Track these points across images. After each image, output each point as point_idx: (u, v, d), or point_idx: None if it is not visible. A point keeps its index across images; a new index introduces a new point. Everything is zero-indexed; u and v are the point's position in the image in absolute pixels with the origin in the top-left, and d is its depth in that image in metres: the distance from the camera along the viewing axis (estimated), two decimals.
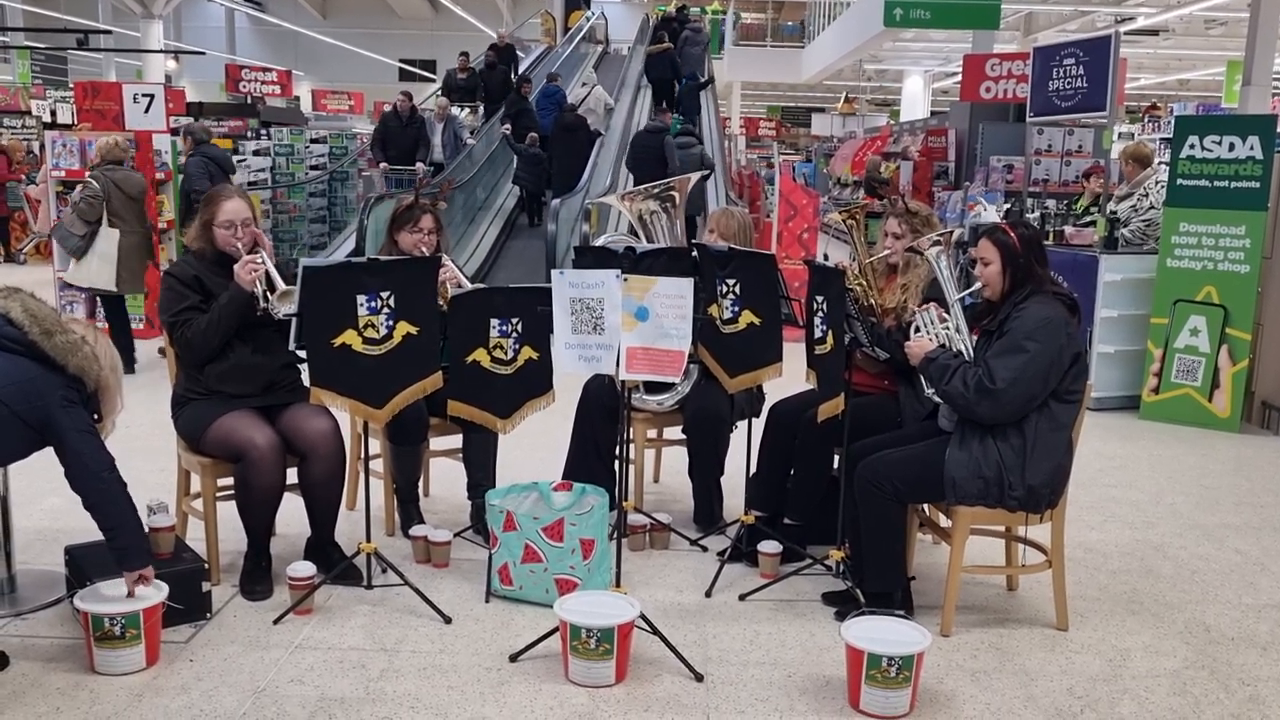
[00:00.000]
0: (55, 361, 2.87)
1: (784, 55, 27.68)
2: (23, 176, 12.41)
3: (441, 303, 3.50)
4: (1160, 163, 7.43)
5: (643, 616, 3.03)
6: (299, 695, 2.83)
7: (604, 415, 4.05)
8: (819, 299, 3.42)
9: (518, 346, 3.44)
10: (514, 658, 3.05)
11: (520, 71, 15.72)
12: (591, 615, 2.90)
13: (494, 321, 3.40)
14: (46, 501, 4.33)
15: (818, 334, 3.44)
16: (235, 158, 11.44)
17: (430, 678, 2.94)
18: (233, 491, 3.44)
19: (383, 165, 11.30)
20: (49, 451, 2.94)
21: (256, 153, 12.48)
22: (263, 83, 18.52)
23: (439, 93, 15.02)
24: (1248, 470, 5.28)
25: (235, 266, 3.39)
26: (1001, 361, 3.06)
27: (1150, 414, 6.24)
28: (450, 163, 11.88)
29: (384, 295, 3.20)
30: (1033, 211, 8.33)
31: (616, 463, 3.56)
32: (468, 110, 14.58)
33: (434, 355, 3.36)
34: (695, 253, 3.64)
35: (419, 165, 11.25)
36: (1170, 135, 7.81)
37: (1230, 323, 5.96)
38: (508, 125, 12.77)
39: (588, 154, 11.81)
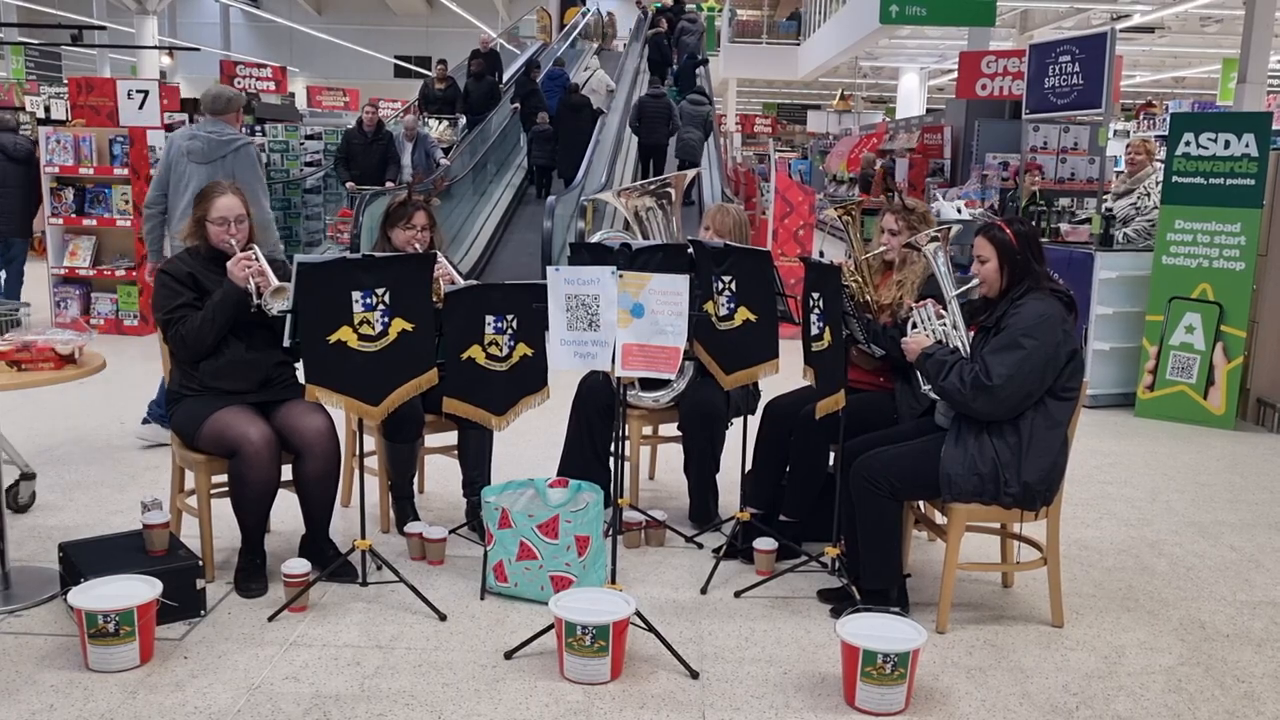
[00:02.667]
0: None
1: (780, 52, 27.67)
2: None
3: (436, 299, 3.49)
4: (1156, 160, 7.43)
5: (638, 613, 3.03)
6: (294, 692, 2.82)
7: (600, 412, 4.04)
8: (815, 295, 3.42)
9: (513, 343, 3.43)
10: (509, 655, 3.04)
11: (504, 78, 15.56)
12: (587, 612, 2.90)
13: (489, 318, 3.39)
14: (40, 498, 4.31)
15: (814, 331, 3.44)
16: None
17: (425, 675, 2.93)
18: (227, 488, 3.43)
19: (349, 185, 10.41)
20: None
21: None
22: (257, 79, 18.42)
23: (413, 105, 14.51)
24: (1243, 467, 5.29)
25: (228, 263, 3.39)
26: (998, 358, 3.06)
27: (1145, 411, 6.24)
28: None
29: (379, 292, 3.19)
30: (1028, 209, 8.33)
31: (612, 459, 3.56)
32: (446, 124, 13.79)
33: (429, 352, 3.35)
34: (691, 249, 3.63)
35: (388, 185, 10.21)
36: (1166, 133, 7.81)
37: (1225, 320, 5.97)
38: (517, 104, 13.77)
39: (591, 130, 13.03)
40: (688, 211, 10.31)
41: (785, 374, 3.71)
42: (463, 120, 14.06)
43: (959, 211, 8.43)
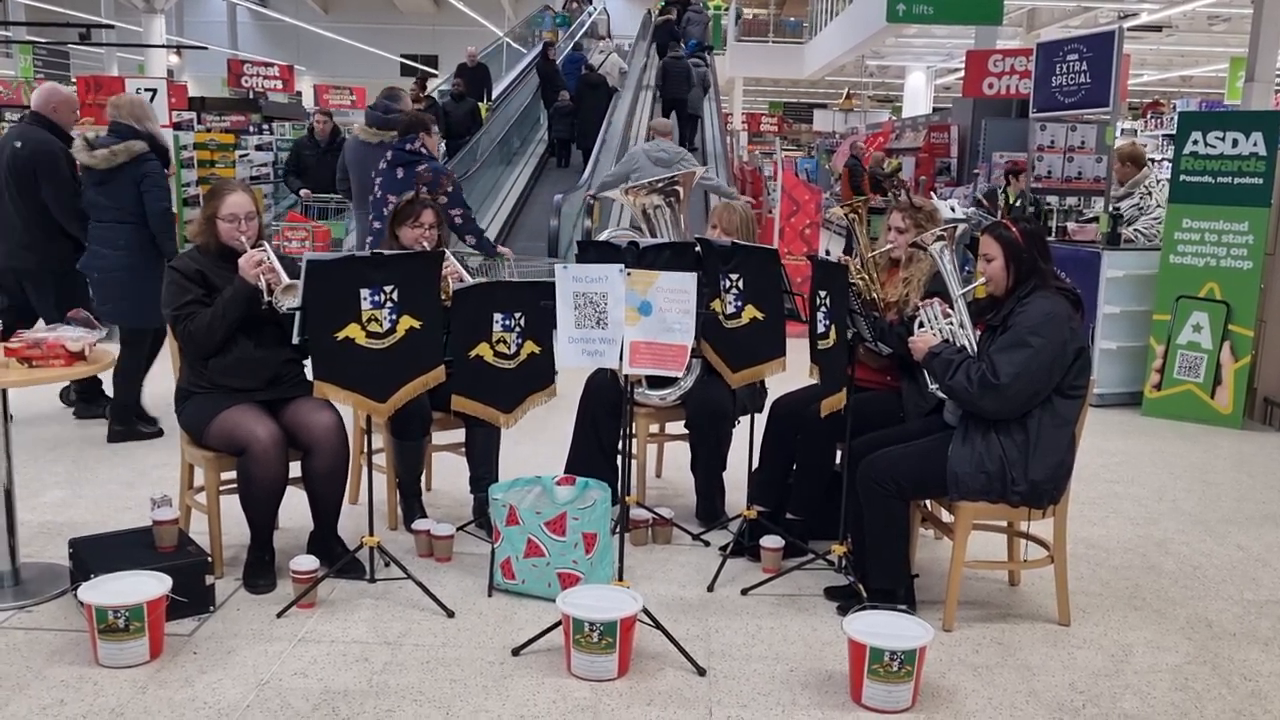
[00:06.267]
0: None
1: (786, 51, 27.67)
2: None
3: (444, 297, 3.50)
4: (1163, 159, 7.41)
5: (645, 610, 3.03)
6: (302, 688, 2.83)
7: (607, 410, 4.05)
8: (822, 293, 3.42)
9: (520, 341, 3.44)
10: (516, 651, 3.05)
11: (493, 97, 15.32)
12: (594, 609, 2.90)
13: (497, 316, 3.39)
14: (50, 495, 4.34)
15: (820, 329, 3.44)
16: (238, 152, 11.33)
17: (433, 671, 2.95)
18: (236, 485, 3.45)
19: (303, 193, 9.44)
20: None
21: (259, 147, 12.40)
22: (265, 77, 18.46)
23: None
24: (1250, 466, 5.28)
25: (240, 260, 3.40)
26: (1005, 356, 3.06)
27: (1152, 410, 6.23)
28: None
29: (387, 289, 3.20)
30: (1033, 206, 8.31)
31: (619, 457, 3.56)
32: None
33: (437, 349, 3.36)
34: (698, 247, 3.64)
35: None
36: (1173, 132, 7.78)
37: (1233, 319, 5.96)
38: (565, 93, 14.92)
39: (607, 105, 14.68)
40: (694, 205, 10.60)
41: (792, 372, 3.71)
42: (443, 145, 12.69)
43: (952, 210, 8.41)
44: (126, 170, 4.99)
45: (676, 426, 4.30)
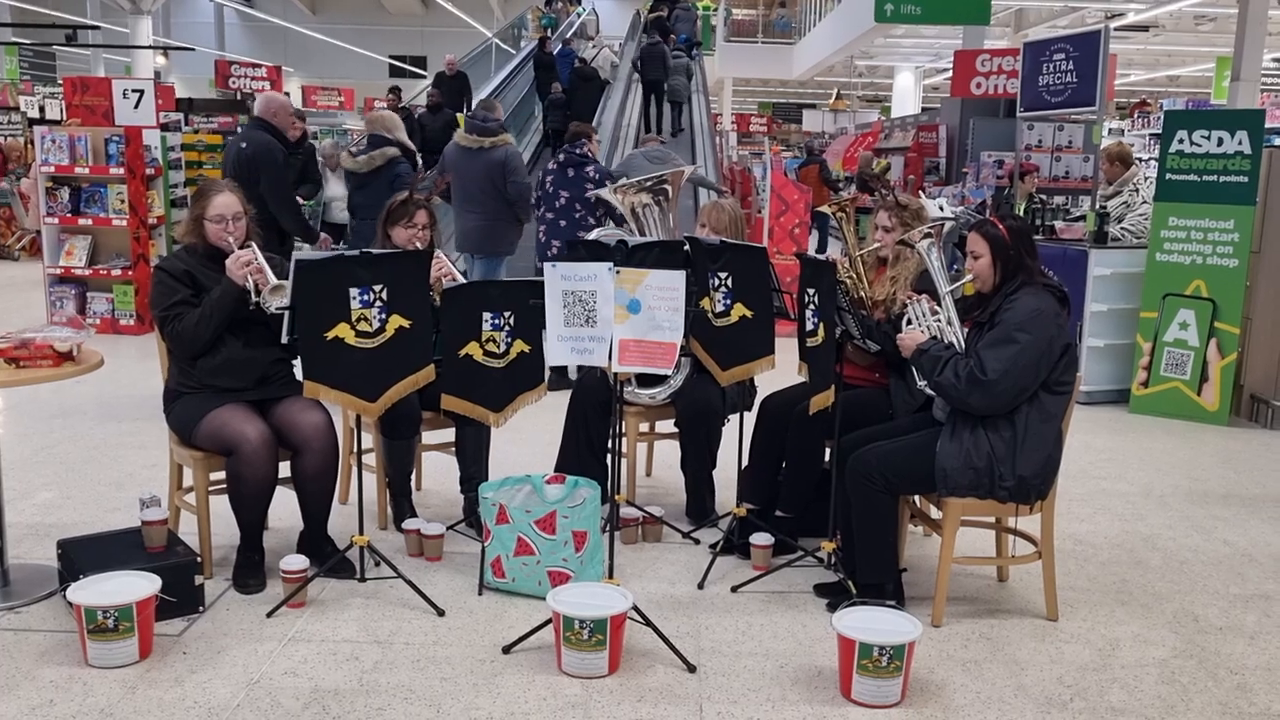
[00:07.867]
0: None
1: (775, 51, 27.74)
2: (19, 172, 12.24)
3: (435, 296, 3.50)
4: (1150, 159, 7.44)
5: (635, 608, 3.04)
6: (293, 687, 2.83)
7: (596, 409, 4.06)
8: (810, 291, 3.43)
9: (510, 340, 3.44)
10: (507, 649, 3.06)
11: (474, 102, 15.19)
12: (584, 607, 2.91)
13: (486, 315, 3.40)
14: (39, 496, 4.33)
15: (809, 326, 3.46)
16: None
17: (424, 669, 2.95)
18: (225, 486, 3.44)
19: None
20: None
21: None
22: (252, 79, 18.40)
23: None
24: (1236, 463, 5.32)
25: (227, 260, 3.39)
26: (993, 352, 3.08)
27: (1139, 407, 6.27)
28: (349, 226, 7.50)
29: (377, 289, 3.20)
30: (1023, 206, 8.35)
31: (609, 456, 3.57)
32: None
33: (427, 349, 3.36)
34: (687, 246, 3.65)
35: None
36: (1160, 131, 7.82)
37: (1219, 316, 6.00)
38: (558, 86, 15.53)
39: (599, 98, 15.59)
40: (684, 204, 10.80)
41: (781, 370, 3.72)
42: (420, 159, 12.08)
43: (940, 209, 8.44)
44: (383, 173, 5.87)
45: (666, 425, 4.31)
